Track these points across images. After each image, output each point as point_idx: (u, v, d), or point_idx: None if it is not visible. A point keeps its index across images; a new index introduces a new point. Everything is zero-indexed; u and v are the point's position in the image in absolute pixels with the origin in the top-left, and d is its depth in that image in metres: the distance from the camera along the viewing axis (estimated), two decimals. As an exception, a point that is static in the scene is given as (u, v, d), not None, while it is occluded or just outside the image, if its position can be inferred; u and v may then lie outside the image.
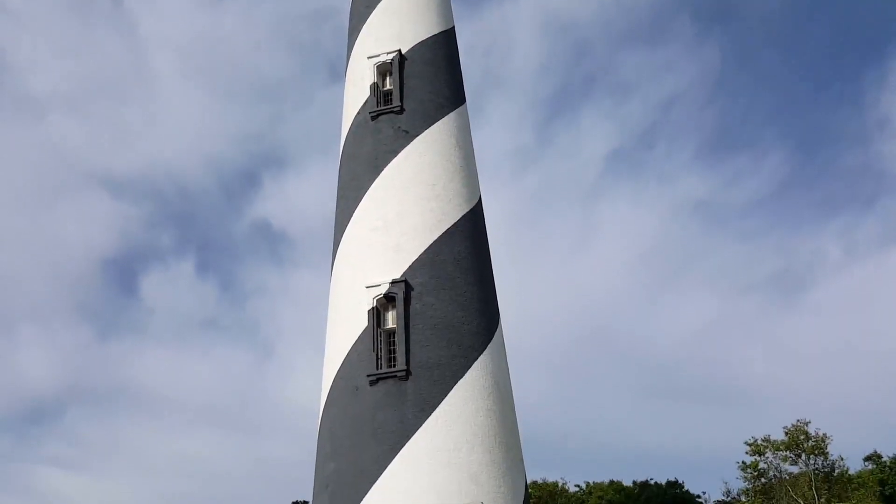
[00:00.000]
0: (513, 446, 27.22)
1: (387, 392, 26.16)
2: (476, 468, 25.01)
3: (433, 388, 26.03)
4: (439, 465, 24.65)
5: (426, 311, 27.45)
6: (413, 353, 26.62)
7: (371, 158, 30.30)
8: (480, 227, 31.22)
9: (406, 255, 28.34)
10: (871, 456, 46.05)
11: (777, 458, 39.51)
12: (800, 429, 38.63)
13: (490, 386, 27.08)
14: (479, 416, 26.06)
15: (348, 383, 27.11)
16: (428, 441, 25.07)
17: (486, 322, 28.54)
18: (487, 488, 24.64)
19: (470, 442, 25.39)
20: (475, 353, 27.30)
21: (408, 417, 25.54)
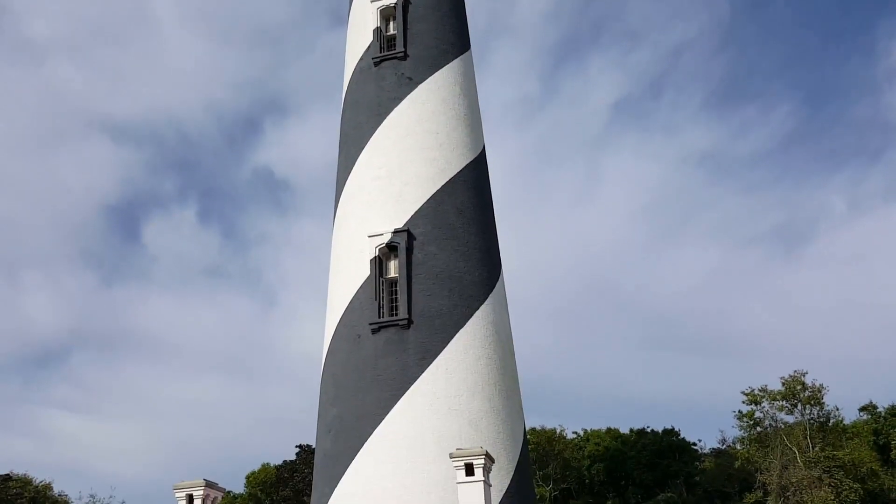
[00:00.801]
0: (512, 394, 27.60)
1: (388, 340, 26.42)
2: (476, 415, 25.42)
3: (434, 336, 26.26)
4: (440, 411, 25.04)
5: (428, 261, 27.51)
6: (415, 301, 26.77)
7: (374, 105, 29.95)
8: (483, 177, 31.04)
9: (408, 205, 28.26)
10: (866, 406, 46.76)
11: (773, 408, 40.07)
12: (797, 379, 39.03)
13: (491, 335, 27.32)
14: (479, 365, 26.36)
15: (351, 331, 27.35)
16: (429, 388, 25.42)
17: (487, 272, 28.62)
18: (487, 434, 25.08)
19: (470, 389, 25.75)
20: (476, 302, 27.46)
21: (409, 365, 25.84)
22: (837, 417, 41.12)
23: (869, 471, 36.26)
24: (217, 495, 20.68)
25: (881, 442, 42.03)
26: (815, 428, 38.94)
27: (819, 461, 34.34)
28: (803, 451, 36.15)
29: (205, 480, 20.11)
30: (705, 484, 45.01)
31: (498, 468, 23.64)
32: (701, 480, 45.74)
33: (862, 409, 45.74)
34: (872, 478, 36.22)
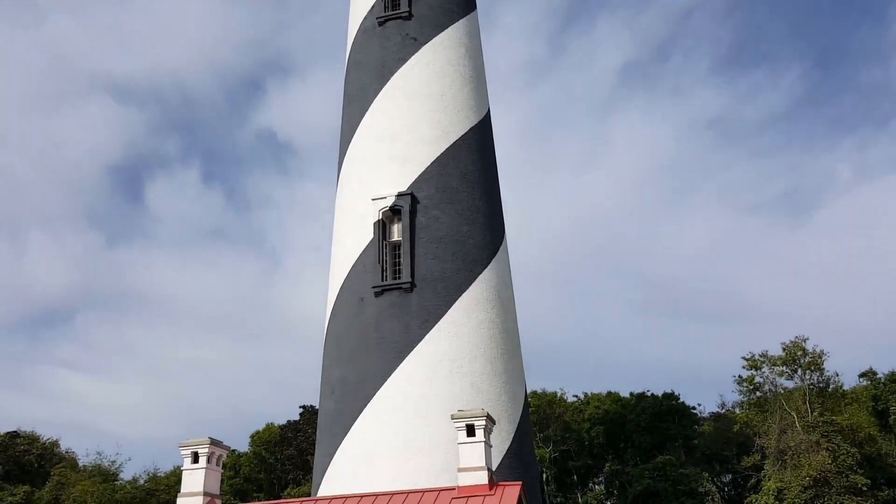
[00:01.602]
0: (514, 357, 27.77)
1: (391, 303, 26.51)
2: (477, 377, 25.61)
3: (437, 299, 26.34)
4: (442, 373, 25.23)
5: (431, 225, 27.47)
6: (418, 265, 26.80)
7: (378, 66, 29.63)
8: (488, 141, 30.82)
9: (412, 168, 28.12)
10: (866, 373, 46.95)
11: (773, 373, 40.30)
12: (798, 345, 39.16)
13: (493, 299, 27.39)
14: (481, 328, 26.48)
15: (354, 294, 27.44)
16: (431, 351, 25.58)
17: (491, 236, 28.59)
18: (488, 396, 25.29)
19: (472, 352, 25.90)
20: (479, 266, 27.48)
21: (412, 328, 25.97)
22: (837, 383, 41.44)
23: (867, 436, 36.59)
24: (222, 453, 20.95)
25: (880, 408, 42.33)
26: (814, 393, 39.21)
27: (817, 426, 34.61)
28: (802, 416, 36.45)
29: (210, 439, 20.35)
30: (704, 447, 45.50)
31: (499, 429, 23.87)
32: (699, 444, 46.23)
33: (862, 376, 45.98)
34: (870, 443, 36.56)
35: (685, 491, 38.36)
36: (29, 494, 40.17)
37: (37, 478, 44.57)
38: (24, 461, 46.16)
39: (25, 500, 39.58)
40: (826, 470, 32.25)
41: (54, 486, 40.82)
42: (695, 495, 38.44)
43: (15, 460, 45.56)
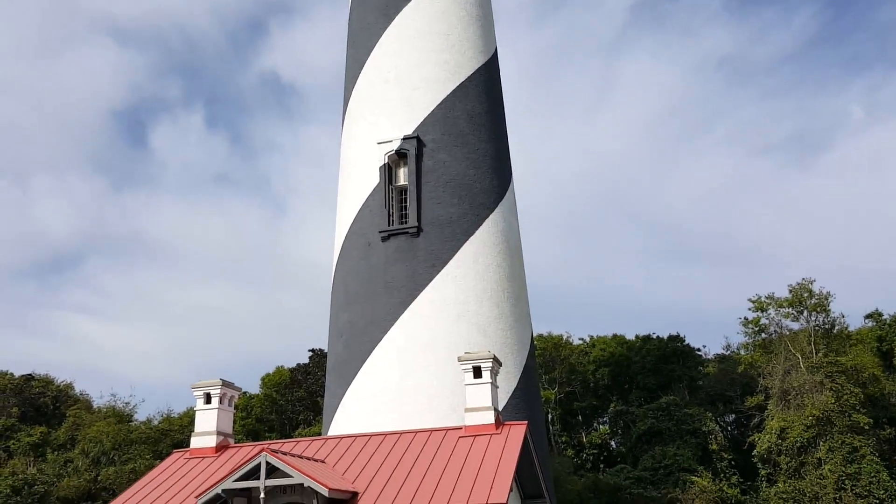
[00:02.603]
0: (520, 300, 27.90)
1: (398, 248, 26.53)
2: (484, 321, 25.79)
3: (444, 244, 26.34)
4: (449, 317, 25.40)
5: (438, 168, 27.27)
6: (424, 209, 26.71)
7: (382, 5, 28.95)
8: (495, 82, 30.33)
9: (418, 110, 27.77)
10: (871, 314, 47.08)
11: (779, 315, 40.49)
12: (804, 287, 39.20)
13: (500, 242, 27.37)
14: (488, 272, 26.53)
15: (361, 239, 27.44)
16: (438, 295, 25.70)
17: (498, 180, 28.40)
18: (495, 339, 25.51)
19: (479, 296, 26.02)
20: (486, 210, 27.37)
21: (418, 272, 26.04)
22: (843, 325, 41.56)
23: (871, 376, 36.88)
24: (234, 394, 21.31)
25: (884, 349, 42.58)
26: (819, 335, 39.40)
27: (822, 366, 34.89)
28: (807, 357, 36.71)
29: (221, 380, 20.68)
30: (708, 388, 46.02)
31: (505, 371, 24.15)
32: (704, 384, 46.74)
33: (867, 317, 46.10)
34: (873, 383, 36.87)
35: (688, 430, 38.97)
36: (46, 435, 41.17)
37: (52, 419, 45.61)
38: (40, 403, 47.17)
39: (42, 440, 40.58)
40: (829, 409, 32.65)
41: (70, 426, 41.77)
42: (698, 434, 39.02)
43: (31, 402, 46.57)
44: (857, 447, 32.02)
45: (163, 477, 19.02)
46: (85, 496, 32.60)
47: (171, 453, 21.14)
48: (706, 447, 39.09)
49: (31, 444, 40.26)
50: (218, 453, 19.97)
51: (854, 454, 31.95)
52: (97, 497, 31.99)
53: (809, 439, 33.33)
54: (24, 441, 40.41)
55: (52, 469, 35.24)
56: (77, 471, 35.49)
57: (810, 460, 33.17)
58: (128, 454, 37.92)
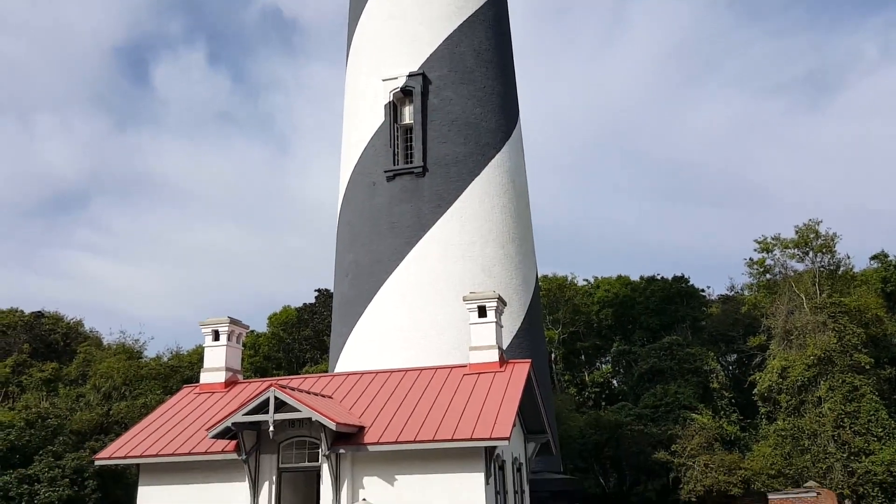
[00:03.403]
0: (525, 241, 27.92)
1: (403, 187, 26.42)
2: (489, 261, 25.86)
3: (449, 184, 26.21)
4: (454, 257, 25.48)
5: (444, 107, 26.94)
6: (430, 149, 26.50)
7: (386, -62, 28.18)
8: (503, 17, 29.66)
9: (424, 47, 27.26)
10: (877, 255, 46.99)
11: (784, 256, 40.46)
12: (811, 228, 39.02)
13: (506, 183, 27.23)
14: (493, 213, 26.47)
15: (365, 178, 27.32)
16: (443, 235, 25.73)
17: (504, 118, 28.07)
18: (500, 280, 25.63)
19: (484, 237, 26.03)
20: (492, 150, 27.15)
21: (424, 213, 26.00)
22: (848, 266, 41.55)
23: (874, 317, 37.01)
24: (241, 332, 21.56)
25: (889, 290, 42.65)
26: (824, 276, 39.43)
27: (825, 307, 35.01)
28: (810, 298, 36.82)
29: (229, 318, 20.90)
30: (711, 328, 46.39)
31: (509, 311, 24.34)
32: (707, 325, 47.10)
33: (873, 258, 46.02)
34: (876, 323, 37.02)
35: (690, 369, 39.44)
36: (57, 371, 41.90)
37: (63, 356, 46.34)
38: (51, 340, 47.86)
39: (54, 376, 41.33)
40: (830, 349, 32.92)
41: (81, 362, 42.47)
42: (699, 373, 39.51)
43: (41, 339, 47.24)
44: (857, 386, 32.41)
45: (174, 410, 19.43)
46: (98, 429, 33.34)
47: (182, 388, 21.54)
48: (707, 386, 39.63)
49: (44, 380, 41.02)
50: (227, 388, 20.34)
51: (854, 393, 32.36)
52: (110, 430, 32.72)
53: (810, 378, 33.70)
54: (37, 376, 41.17)
55: (64, 403, 35.96)
56: (89, 405, 36.22)
57: (810, 399, 33.63)
58: (139, 389, 38.64)
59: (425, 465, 15.79)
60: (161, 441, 17.67)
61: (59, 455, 29.84)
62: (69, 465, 29.21)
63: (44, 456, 29.53)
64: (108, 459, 17.94)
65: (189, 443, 17.31)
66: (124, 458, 17.61)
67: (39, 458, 29.39)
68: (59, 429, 31.78)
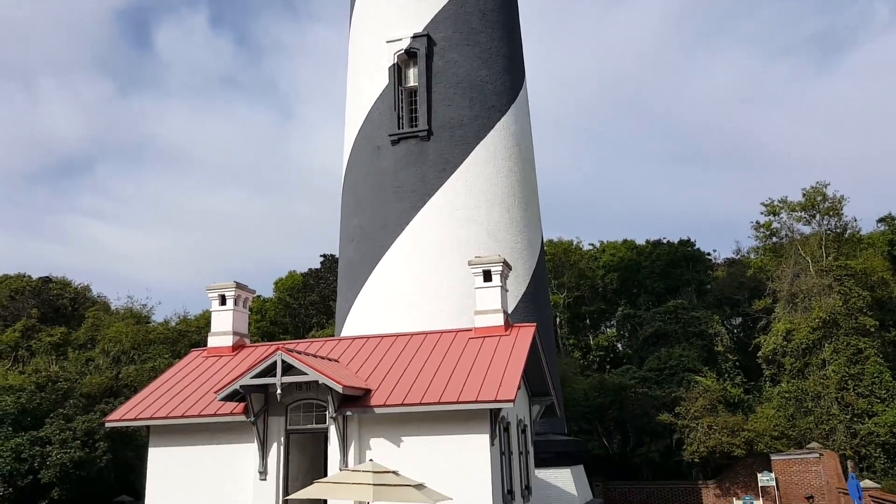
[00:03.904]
0: (531, 205, 27.82)
1: (408, 151, 26.27)
2: (494, 225, 25.81)
3: (454, 148, 26.05)
4: (459, 222, 25.42)
5: (449, 69, 26.65)
6: (435, 112, 26.29)
7: None
8: (507, -23, 29.20)
9: (428, 7, 26.87)
10: (884, 218, 46.81)
11: (791, 219, 40.28)
12: (818, 190, 38.77)
13: (511, 146, 27.04)
14: (499, 177, 26.34)
15: (370, 143, 27.16)
16: (448, 199, 25.64)
17: (510, 81, 27.77)
18: (505, 244, 25.60)
19: (489, 201, 25.93)
20: (498, 113, 26.92)
21: (428, 176, 25.89)
22: (855, 228, 41.37)
23: (880, 279, 37.00)
24: (247, 296, 21.65)
25: (895, 252, 42.62)
26: (830, 239, 39.31)
27: (831, 270, 34.98)
28: (816, 261, 36.75)
29: (235, 282, 20.97)
30: (716, 292, 46.39)
31: (514, 275, 24.37)
32: (712, 288, 47.10)
33: (880, 221, 45.87)
34: (882, 286, 37.02)
35: (695, 332, 39.56)
36: (66, 335, 42.24)
37: (72, 320, 46.68)
38: (59, 305, 48.16)
39: (63, 340, 41.68)
40: (836, 312, 32.96)
41: (89, 327, 42.78)
42: (704, 337, 39.62)
43: (49, 304, 47.54)
44: (861, 349, 32.52)
45: (182, 374, 19.61)
46: (107, 392, 33.74)
47: (190, 352, 21.72)
48: (712, 349, 39.79)
49: (53, 344, 41.40)
50: (234, 352, 20.50)
51: (858, 355, 32.48)
52: (119, 393, 33.11)
53: (815, 341, 33.82)
54: (46, 341, 41.55)
55: (73, 367, 36.34)
56: (98, 369, 36.60)
57: (814, 361, 33.78)
58: (147, 353, 39.00)
59: (431, 427, 15.96)
60: (170, 403, 17.88)
61: (69, 418, 30.28)
62: (80, 428, 29.64)
63: (55, 418, 29.96)
64: (119, 421, 18.18)
65: (198, 405, 17.51)
66: (134, 420, 17.84)
67: (51, 421, 29.82)
68: (70, 392, 32.19)
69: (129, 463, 31.03)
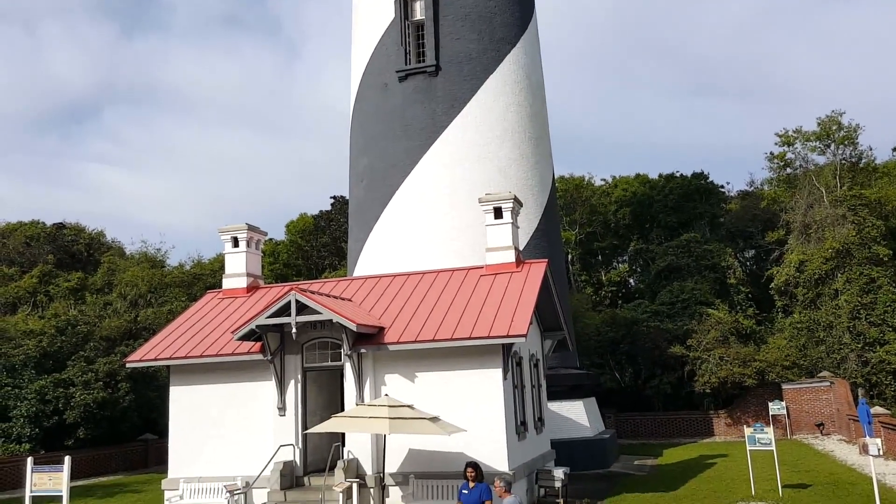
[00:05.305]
0: (542, 141, 27.51)
1: (416, 88, 25.91)
2: (505, 162, 25.59)
3: (463, 83, 25.66)
4: (469, 159, 25.22)
5: (456, 1, 26.04)
6: (443, 46, 25.80)
7: None
8: None
9: (433, -62, 26.11)
10: (900, 145, 46.12)
11: (806, 149, 39.65)
12: (833, 119, 38.07)
13: (521, 80, 26.59)
14: (509, 112, 25.99)
15: (377, 80, 26.78)
16: (458, 137, 25.38)
17: (520, 12, 27.10)
18: (515, 180, 25.44)
19: (499, 137, 25.66)
20: (507, 45, 26.39)
21: (437, 114, 25.58)
22: (870, 158, 40.78)
23: (894, 209, 36.65)
24: (259, 238, 21.76)
25: (910, 182, 42.11)
26: (845, 168, 38.82)
27: (845, 199, 34.64)
28: (831, 191, 36.39)
29: (247, 224, 21.06)
30: (729, 224, 46.11)
31: (526, 212, 24.30)
32: (725, 221, 46.80)
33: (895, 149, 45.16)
34: (896, 215, 36.76)
35: (707, 265, 39.52)
36: (83, 280, 42.77)
37: (87, 265, 47.16)
38: (74, 250, 48.60)
39: (80, 285, 42.22)
40: (849, 242, 32.78)
41: (105, 272, 43.24)
42: (716, 269, 39.59)
43: (65, 249, 47.99)
44: (874, 278, 32.45)
45: (199, 315, 19.88)
46: (126, 335, 34.34)
47: (206, 294, 21.97)
48: (724, 282, 39.83)
49: (70, 289, 41.97)
50: (249, 293, 20.71)
51: (871, 285, 32.43)
52: (138, 336, 33.69)
53: (828, 271, 33.75)
54: (63, 286, 42.11)
55: (92, 311, 36.91)
56: (117, 312, 37.16)
57: (827, 291, 33.77)
58: (163, 297, 39.51)
59: (444, 363, 16.19)
60: (189, 344, 18.19)
61: (90, 360, 30.93)
62: (101, 370, 30.30)
63: (76, 361, 30.61)
64: (139, 362, 18.54)
65: (216, 345, 17.81)
66: (154, 360, 18.19)
67: (72, 363, 30.48)
68: (89, 335, 32.78)
69: (151, 402, 31.82)
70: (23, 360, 30.21)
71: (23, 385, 29.12)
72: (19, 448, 27.41)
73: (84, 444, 29.61)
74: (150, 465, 31.10)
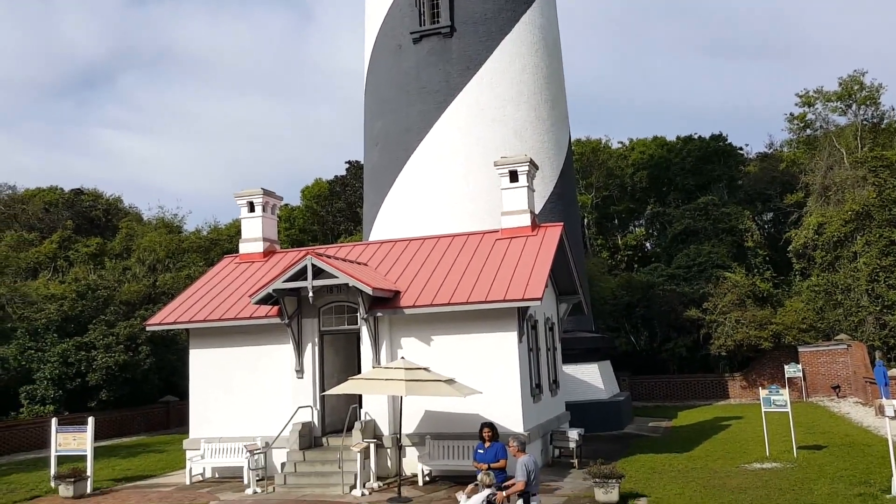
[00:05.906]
0: (558, 103, 27.20)
1: (431, 50, 25.63)
2: (520, 124, 25.36)
3: (478, 44, 25.34)
4: (484, 122, 25.02)
5: (470, -39, 25.58)
6: (457, 7, 25.44)
7: None
8: None
9: None
10: (924, 107, 45.11)
11: (826, 110, 38.95)
12: (855, 79, 37.29)
13: (537, 41, 26.22)
14: (525, 74, 25.68)
15: (391, 42, 26.51)
16: (473, 99, 25.14)
17: (534, -29, 26.63)
18: (531, 143, 25.24)
19: (515, 99, 25.39)
20: (523, 5, 25.98)
21: (452, 76, 25.33)
22: (892, 118, 39.98)
23: (916, 171, 36.12)
24: (275, 202, 21.83)
25: (934, 142, 41.35)
26: (866, 129, 38.15)
27: (866, 161, 34.10)
28: (851, 152, 35.82)
29: (262, 189, 21.11)
30: (748, 187, 45.62)
31: (541, 175, 24.16)
32: (744, 184, 46.29)
33: (919, 110, 44.24)
34: (918, 178, 36.16)
35: (724, 229, 39.21)
36: (102, 245, 43.25)
37: (106, 231, 47.63)
38: (92, 216, 49.05)
39: (99, 250, 42.70)
40: (869, 204, 32.36)
41: (124, 237, 43.67)
42: (734, 232, 39.28)
43: (83, 215, 48.45)
44: (894, 240, 32.08)
45: (217, 279, 20.07)
46: (146, 299, 34.79)
47: (223, 258, 22.13)
48: (741, 245, 39.55)
49: (90, 254, 42.46)
50: (266, 258, 20.85)
51: (891, 247, 32.07)
52: (157, 300, 34.12)
53: (847, 234, 33.40)
54: (83, 251, 42.60)
55: (111, 276, 37.37)
56: (136, 277, 37.61)
57: (845, 254, 33.47)
58: (181, 262, 39.90)
59: (460, 326, 16.28)
60: (208, 307, 18.40)
61: (111, 324, 31.40)
62: (122, 333, 30.77)
63: (97, 325, 31.09)
64: (159, 325, 18.79)
65: (234, 308, 18.00)
66: (174, 323, 18.42)
67: (94, 327, 30.97)
68: (110, 299, 33.24)
69: (171, 365, 32.35)
70: (45, 324, 30.75)
71: (46, 348, 29.67)
72: (44, 409, 28.03)
73: (106, 405, 30.23)
74: (172, 426, 31.73)
